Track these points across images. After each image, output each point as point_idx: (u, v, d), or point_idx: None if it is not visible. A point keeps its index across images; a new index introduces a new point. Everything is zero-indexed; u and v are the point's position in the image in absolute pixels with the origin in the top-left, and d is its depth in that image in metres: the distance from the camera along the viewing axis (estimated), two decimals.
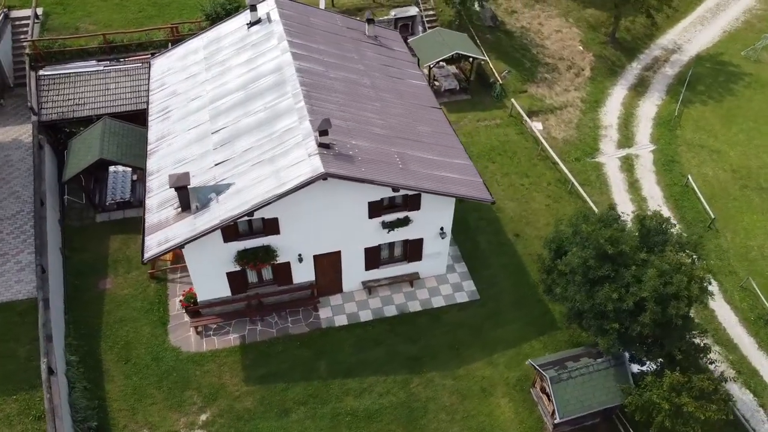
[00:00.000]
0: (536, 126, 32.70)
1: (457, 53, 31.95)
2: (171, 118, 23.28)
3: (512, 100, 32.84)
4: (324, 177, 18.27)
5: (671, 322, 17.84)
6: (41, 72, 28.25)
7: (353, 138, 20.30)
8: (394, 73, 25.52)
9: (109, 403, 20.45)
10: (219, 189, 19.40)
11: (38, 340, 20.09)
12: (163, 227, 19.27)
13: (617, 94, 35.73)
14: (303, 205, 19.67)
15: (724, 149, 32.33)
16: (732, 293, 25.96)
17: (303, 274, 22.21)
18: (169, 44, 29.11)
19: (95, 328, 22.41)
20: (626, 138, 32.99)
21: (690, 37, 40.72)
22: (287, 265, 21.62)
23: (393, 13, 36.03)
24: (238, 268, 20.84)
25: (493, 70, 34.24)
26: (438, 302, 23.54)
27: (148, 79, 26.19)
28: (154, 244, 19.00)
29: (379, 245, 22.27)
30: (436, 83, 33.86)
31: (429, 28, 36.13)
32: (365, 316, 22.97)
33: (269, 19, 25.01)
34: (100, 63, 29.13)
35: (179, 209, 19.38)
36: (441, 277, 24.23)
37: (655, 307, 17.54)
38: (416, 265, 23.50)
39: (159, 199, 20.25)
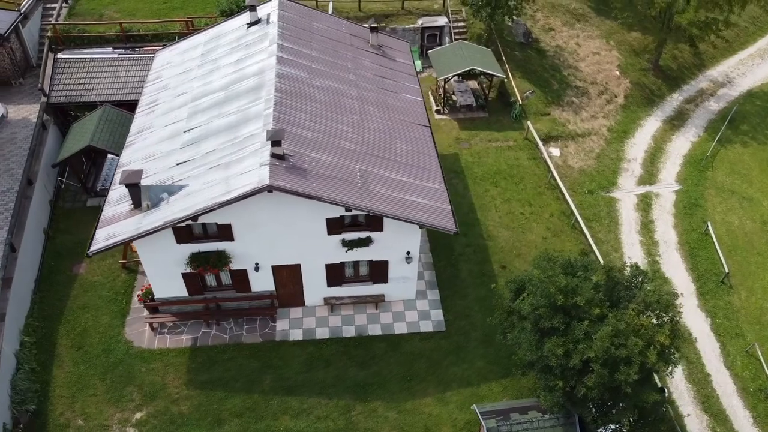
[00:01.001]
0: (553, 152, 30.92)
1: (473, 69, 30.60)
2: (155, 112, 23.35)
3: (528, 122, 31.15)
4: (269, 189, 17.67)
5: (620, 389, 16.14)
6: (59, 55, 29.16)
7: (315, 151, 19.59)
8: (389, 85, 24.60)
9: (52, 388, 20.68)
10: (171, 189, 19.17)
11: None
12: (114, 222, 19.24)
13: (649, 126, 33.30)
14: (257, 214, 19.15)
15: (757, 197, 29.45)
16: (734, 358, 23.50)
17: (262, 283, 21.72)
18: (176, 37, 29.33)
19: (58, 311, 22.77)
20: (649, 174, 30.63)
21: (745, 70, 37.50)
22: (244, 272, 21.19)
23: (420, 22, 35.03)
24: (191, 270, 20.57)
25: (515, 89, 32.62)
26: (400, 328, 22.49)
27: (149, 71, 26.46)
28: (102, 237, 19.00)
29: (342, 263, 21.47)
30: (454, 97, 32.63)
31: (457, 40, 34.90)
32: (322, 333, 22.23)
33: (268, 21, 24.66)
34: (115, 51, 29.76)
35: (132, 206, 19.27)
36: (409, 303, 23.15)
37: (602, 369, 15.91)
38: (382, 287, 22.54)
39: (120, 193, 20.25)
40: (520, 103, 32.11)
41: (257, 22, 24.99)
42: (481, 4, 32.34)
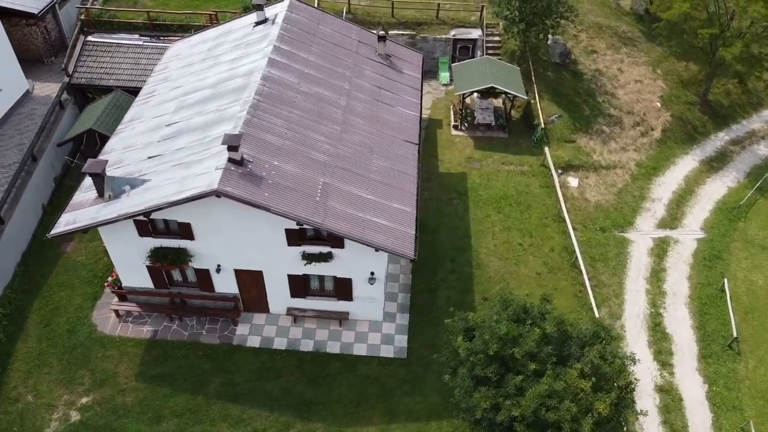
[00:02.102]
0: (571, 182, 29.10)
1: (494, 87, 29.23)
2: (150, 103, 23.60)
3: (546, 148, 29.44)
4: (217, 194, 17.35)
5: None
6: (88, 38, 30.20)
7: (279, 159, 19.11)
8: (386, 97, 23.78)
9: (12, 361, 21.30)
10: (134, 183, 19.23)
11: None
12: (79, 208, 19.52)
13: (684, 165, 30.74)
14: (216, 216, 18.89)
15: None
16: None
17: (225, 285, 21.51)
18: (192, 30, 29.66)
19: (37, 286, 23.46)
20: (673, 217, 28.24)
21: None
22: (207, 272, 21.04)
23: (452, 33, 33.91)
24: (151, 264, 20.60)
25: (540, 111, 30.93)
26: (360, 350, 21.69)
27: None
28: (64, 222, 19.32)
29: (307, 275, 20.92)
30: (476, 114, 31.29)
31: (490, 54, 33.56)
32: (279, 343, 21.78)
33: (273, 21, 24.42)
34: (141, 38, 30.47)
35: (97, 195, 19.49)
36: (375, 324, 22.30)
37: (527, 431, 14.58)
38: (347, 305, 21.81)
39: (91, 180, 20.48)
40: (543, 126, 30.42)
41: (264, 21, 24.80)
42: (515, 20, 30.88)
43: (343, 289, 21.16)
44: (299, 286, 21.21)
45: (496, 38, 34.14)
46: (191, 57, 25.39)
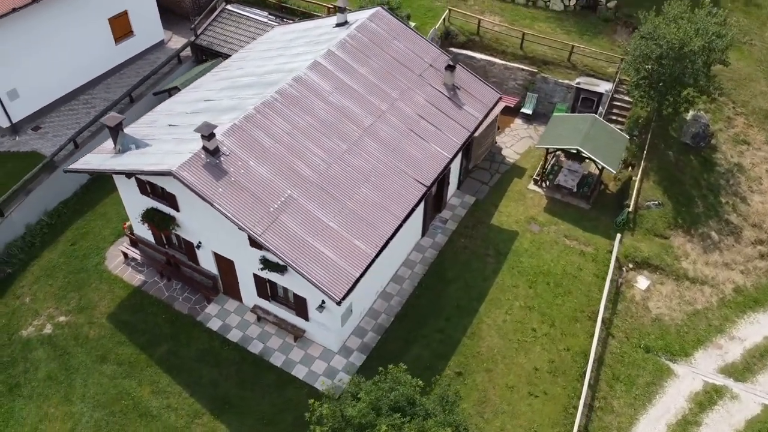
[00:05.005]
0: (639, 283, 24.73)
1: (580, 150, 25.72)
2: (216, 76, 24.96)
3: (618, 234, 25.22)
4: (173, 176, 17.85)
5: None
6: (227, 6, 32.79)
7: (257, 160, 18.99)
8: (423, 130, 22.24)
9: (33, 264, 24.41)
10: (139, 144, 20.57)
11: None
12: (98, 153, 21.48)
13: None
14: (194, 198, 19.47)
15: None
16: None
17: (206, 262, 22.25)
18: (297, 18, 30.38)
19: (85, 209, 26.44)
20: (746, 368, 22.51)
21: None
22: (192, 245, 21.91)
23: (577, 81, 30.44)
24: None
25: (635, 191, 26.51)
26: (299, 372, 20.99)
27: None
28: (82, 161, 21.43)
29: (272, 280, 20.73)
30: (560, 174, 27.84)
31: (615, 116, 29.68)
32: (234, 335, 21.97)
33: (350, 26, 24.15)
34: (269, 16, 32.23)
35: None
36: (327, 353, 21.37)
37: None
38: (304, 323, 21.20)
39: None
40: (631, 210, 26.08)
41: (344, 24, 24.65)
42: (641, 85, 26.67)
43: (300, 305, 20.59)
44: (263, 287, 21.10)
45: (627, 98, 29.90)
46: (275, 43, 26.26)
